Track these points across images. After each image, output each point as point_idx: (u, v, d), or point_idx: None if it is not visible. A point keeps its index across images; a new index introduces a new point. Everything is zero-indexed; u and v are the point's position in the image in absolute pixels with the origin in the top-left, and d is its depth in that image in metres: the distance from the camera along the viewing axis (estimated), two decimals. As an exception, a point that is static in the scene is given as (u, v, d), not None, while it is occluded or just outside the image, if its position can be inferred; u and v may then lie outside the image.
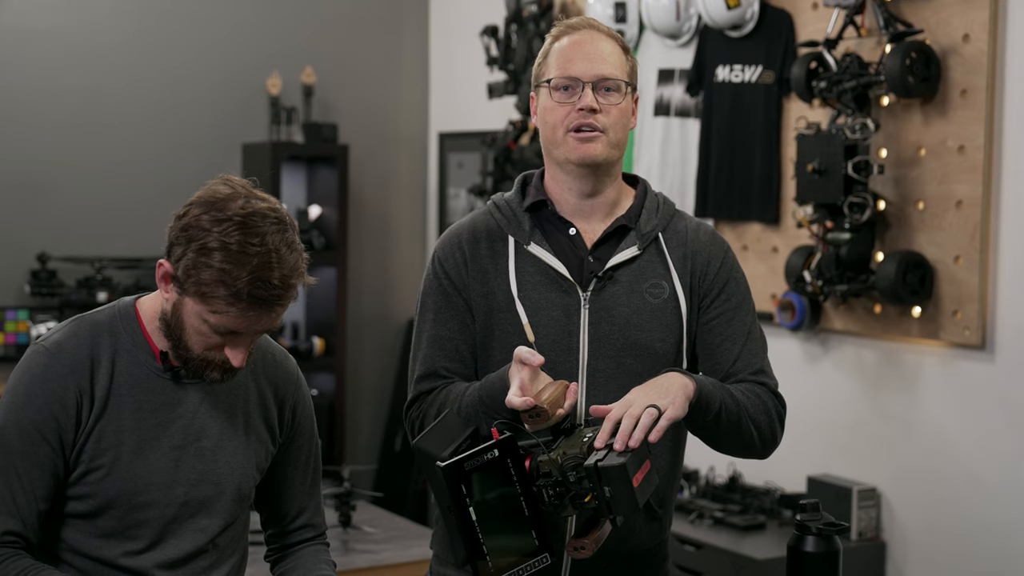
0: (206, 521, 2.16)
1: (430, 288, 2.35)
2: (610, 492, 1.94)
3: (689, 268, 2.33)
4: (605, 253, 2.32)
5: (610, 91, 2.28)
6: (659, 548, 2.41)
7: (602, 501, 1.96)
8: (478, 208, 2.47)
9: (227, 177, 2.07)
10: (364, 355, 6.33)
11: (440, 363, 2.31)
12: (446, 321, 2.32)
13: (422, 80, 6.50)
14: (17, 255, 5.53)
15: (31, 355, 2.09)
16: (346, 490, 4.02)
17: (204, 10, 5.95)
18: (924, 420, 4.10)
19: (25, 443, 2.04)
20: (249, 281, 1.96)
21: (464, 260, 2.33)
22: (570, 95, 2.28)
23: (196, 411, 2.15)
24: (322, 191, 6.09)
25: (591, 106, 2.25)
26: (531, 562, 1.98)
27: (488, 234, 2.34)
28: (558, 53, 2.31)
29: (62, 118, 5.67)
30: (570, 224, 2.34)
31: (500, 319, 2.28)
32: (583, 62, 2.28)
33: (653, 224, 2.34)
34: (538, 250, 2.31)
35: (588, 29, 2.32)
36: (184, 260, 1.99)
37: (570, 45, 2.30)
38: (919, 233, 4.05)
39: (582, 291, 2.29)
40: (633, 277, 2.30)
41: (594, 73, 2.27)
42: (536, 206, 2.34)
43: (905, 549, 4.15)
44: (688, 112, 4.84)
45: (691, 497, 4.52)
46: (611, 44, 2.31)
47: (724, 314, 2.33)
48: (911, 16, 4.03)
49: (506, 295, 2.29)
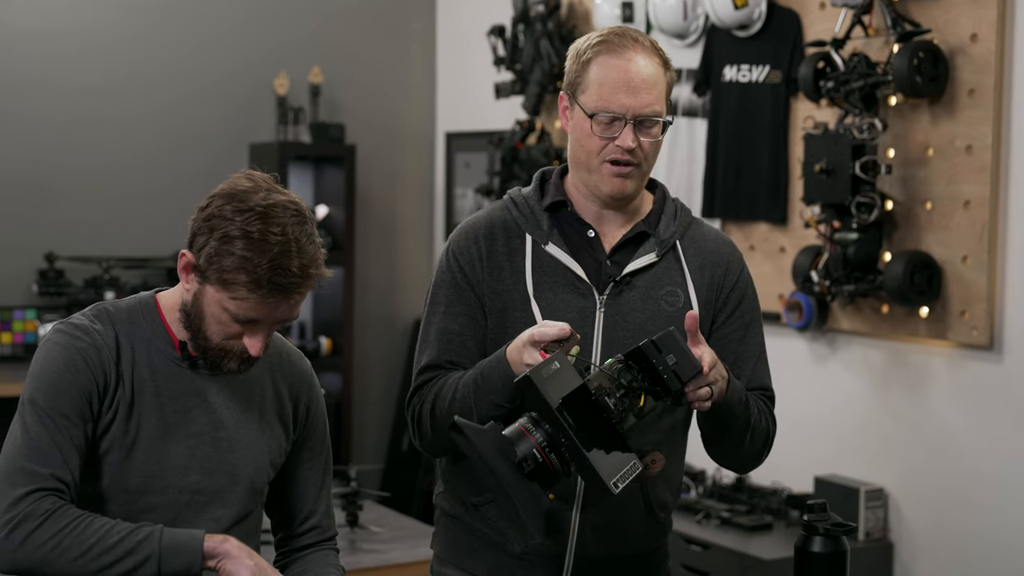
0: (220, 511, 2.17)
1: (442, 281, 2.35)
2: (674, 359, 2.02)
3: (707, 279, 2.33)
4: (623, 258, 2.31)
5: (650, 127, 2.26)
6: (659, 549, 2.42)
7: (669, 373, 2.02)
8: (495, 202, 2.46)
9: (249, 172, 2.12)
10: (371, 354, 6.33)
11: (446, 356, 2.31)
12: (456, 316, 2.32)
13: (429, 80, 6.50)
14: (25, 255, 5.55)
15: (58, 332, 2.11)
16: (353, 490, 4.02)
17: (211, 9, 5.95)
18: (932, 420, 4.10)
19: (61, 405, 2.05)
20: (269, 268, 2.00)
21: (480, 255, 2.32)
22: (610, 130, 2.24)
23: (214, 402, 2.17)
24: (329, 191, 6.09)
25: (631, 147, 2.23)
26: (628, 467, 1.98)
27: (505, 230, 2.33)
28: (600, 75, 2.25)
29: (70, 118, 5.68)
30: (589, 226, 2.33)
31: (515, 317, 2.28)
32: (626, 96, 2.23)
33: (672, 231, 2.34)
34: (556, 251, 2.30)
35: (631, 49, 2.26)
36: (206, 249, 2.04)
37: (613, 69, 2.24)
38: (927, 233, 4.04)
39: (599, 294, 2.28)
40: (649, 283, 2.30)
41: (637, 111, 2.23)
42: (555, 205, 2.34)
43: (913, 549, 4.14)
44: (695, 112, 4.84)
45: (698, 497, 4.52)
46: (654, 66, 2.26)
47: (738, 331, 2.34)
48: (919, 16, 4.03)
49: (522, 294, 2.28)
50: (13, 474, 2.01)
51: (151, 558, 1.99)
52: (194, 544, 2.02)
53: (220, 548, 2.03)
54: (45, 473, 2.01)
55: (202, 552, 2.02)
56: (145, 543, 2.00)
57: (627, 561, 2.35)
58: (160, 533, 2.01)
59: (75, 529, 1.99)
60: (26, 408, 2.06)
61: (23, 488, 2.00)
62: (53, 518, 1.99)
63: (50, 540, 1.98)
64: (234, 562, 2.03)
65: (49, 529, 1.98)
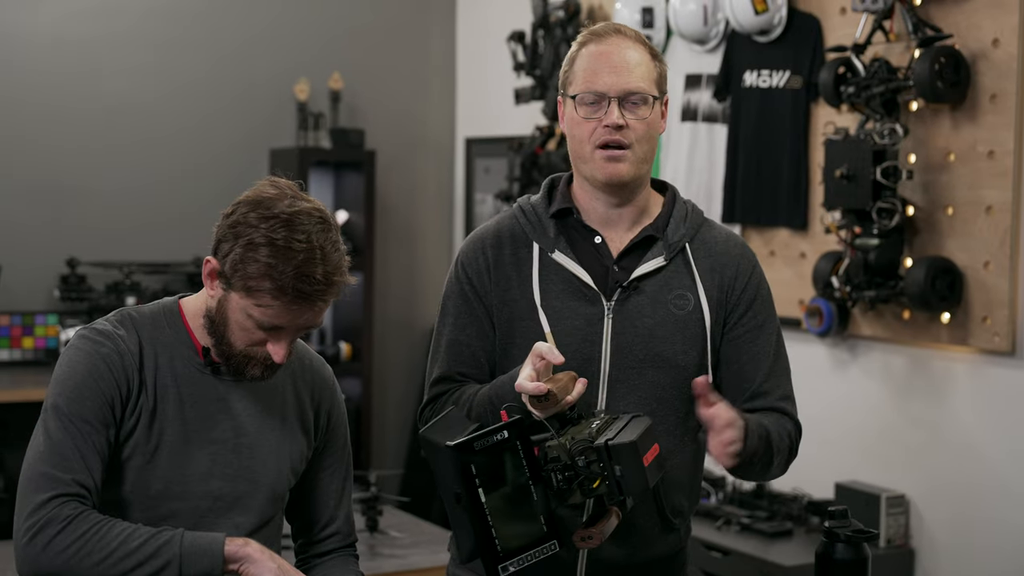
0: (241, 518, 2.17)
1: (451, 292, 2.36)
2: (620, 471, 1.94)
3: (717, 281, 2.32)
4: (631, 263, 2.30)
5: (637, 105, 2.25)
6: (676, 556, 2.40)
7: (612, 480, 1.95)
8: (504, 211, 2.46)
9: (273, 179, 2.12)
10: (390, 360, 6.34)
11: (456, 368, 2.32)
12: (465, 327, 2.32)
13: (449, 85, 6.51)
14: (47, 260, 5.57)
15: (81, 338, 2.11)
16: (373, 495, 4.03)
17: (232, 16, 5.98)
18: (953, 427, 4.08)
19: (84, 411, 2.05)
20: (294, 276, 2.01)
21: (487, 265, 2.32)
22: (596, 110, 2.24)
23: (236, 408, 2.17)
24: (349, 196, 6.10)
25: (617, 123, 2.22)
26: (540, 548, 1.96)
27: (512, 239, 2.33)
28: (584, 63, 2.27)
29: (93, 125, 5.70)
30: (596, 232, 2.32)
31: (522, 326, 2.27)
32: (609, 75, 2.24)
33: (680, 234, 2.32)
34: (562, 258, 2.29)
35: (615, 36, 2.28)
36: (231, 256, 2.04)
37: (596, 55, 2.26)
38: (948, 239, 4.02)
39: (606, 301, 2.27)
40: (658, 288, 2.29)
41: (620, 88, 2.23)
42: (562, 212, 2.33)
43: (934, 556, 4.12)
44: (715, 117, 4.83)
45: (718, 503, 4.51)
46: (638, 51, 2.27)
47: (750, 331, 2.32)
48: (940, 20, 4.01)
49: (529, 303, 2.28)
50: (36, 479, 2.02)
51: (172, 562, 2.00)
52: (215, 548, 2.02)
53: (241, 552, 2.04)
54: (67, 479, 2.02)
55: (223, 556, 2.02)
56: (166, 547, 2.00)
57: (642, 567, 2.33)
58: (181, 537, 2.02)
59: (97, 533, 1.99)
60: (49, 414, 2.07)
61: (45, 493, 2.00)
62: (75, 523, 1.99)
63: (72, 544, 1.98)
64: (256, 565, 2.03)
65: (71, 534, 1.98)
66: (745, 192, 4.68)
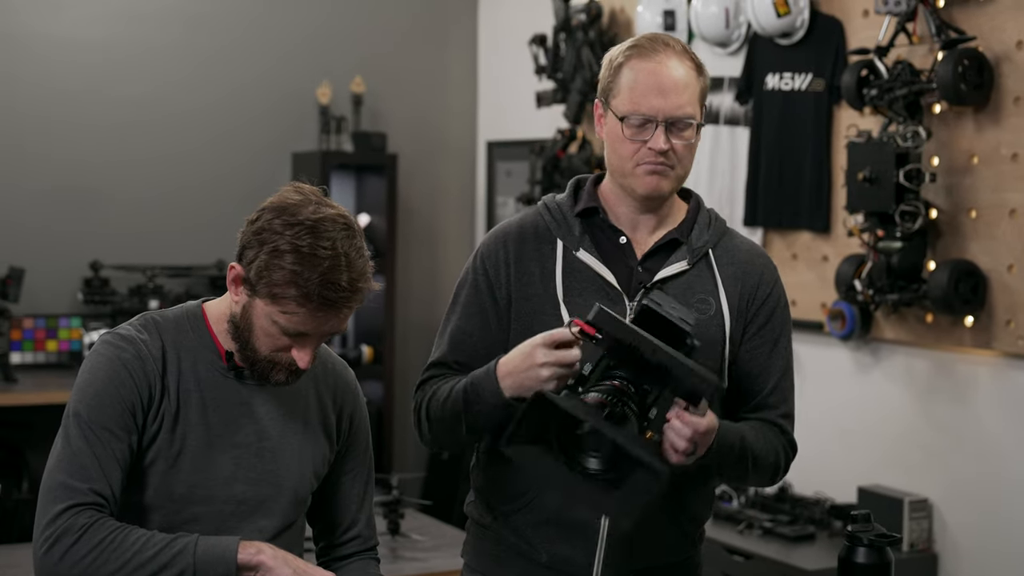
0: (264, 522, 2.17)
1: (465, 281, 2.37)
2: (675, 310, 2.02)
3: (739, 289, 2.32)
4: (654, 265, 2.31)
5: (682, 129, 2.25)
6: (689, 560, 2.40)
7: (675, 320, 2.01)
8: (528, 208, 2.46)
9: (298, 185, 2.12)
10: (412, 363, 6.34)
11: (454, 356, 2.34)
12: (470, 317, 2.34)
13: (471, 89, 6.51)
14: (70, 263, 5.60)
15: (103, 343, 2.12)
16: (394, 498, 4.03)
17: (254, 20, 6.00)
18: (977, 430, 4.06)
19: (105, 419, 2.06)
20: (319, 283, 2.01)
21: (507, 259, 2.33)
22: (641, 132, 2.24)
23: (259, 413, 2.18)
24: (371, 200, 6.11)
25: (663, 148, 2.23)
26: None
27: (536, 235, 2.34)
28: (630, 79, 2.26)
29: (116, 128, 5.73)
30: (621, 232, 2.33)
31: (542, 322, 2.27)
32: (657, 98, 2.23)
33: (704, 240, 2.33)
34: (587, 257, 2.30)
35: (663, 52, 2.26)
36: (256, 262, 2.04)
37: (644, 72, 2.25)
38: (972, 242, 4.01)
39: (628, 300, 2.28)
40: (681, 291, 2.29)
41: (668, 113, 2.23)
42: (587, 212, 2.34)
43: (957, 561, 4.10)
44: (737, 120, 4.82)
45: (740, 507, 4.50)
46: (685, 68, 2.26)
47: (766, 344, 2.33)
48: (963, 23, 4.00)
49: (551, 298, 2.28)
50: (54, 489, 2.03)
51: (186, 571, 2.00)
52: (228, 556, 2.02)
53: (255, 559, 2.04)
54: (84, 488, 2.02)
55: (236, 563, 2.02)
56: (180, 556, 2.01)
57: (655, 572, 2.34)
58: (195, 546, 2.02)
59: (112, 542, 2.00)
60: (70, 421, 2.07)
61: (62, 504, 2.01)
62: (90, 532, 2.00)
63: (88, 554, 1.99)
64: (271, 573, 2.03)
65: (87, 543, 1.99)
66: (767, 195, 4.67)
